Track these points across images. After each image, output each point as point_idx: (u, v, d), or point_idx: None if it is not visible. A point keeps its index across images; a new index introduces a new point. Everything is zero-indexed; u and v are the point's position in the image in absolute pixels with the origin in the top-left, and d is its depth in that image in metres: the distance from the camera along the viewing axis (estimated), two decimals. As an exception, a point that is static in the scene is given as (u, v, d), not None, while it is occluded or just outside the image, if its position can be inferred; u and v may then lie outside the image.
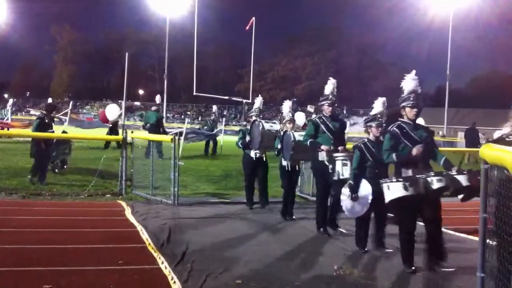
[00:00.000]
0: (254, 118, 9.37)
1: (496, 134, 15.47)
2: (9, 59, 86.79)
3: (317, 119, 7.34)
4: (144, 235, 6.64)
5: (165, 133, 18.33)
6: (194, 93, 29.38)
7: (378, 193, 5.72)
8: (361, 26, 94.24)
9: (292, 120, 8.37)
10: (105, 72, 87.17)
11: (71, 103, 27.14)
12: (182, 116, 63.57)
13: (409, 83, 5.77)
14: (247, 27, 33.70)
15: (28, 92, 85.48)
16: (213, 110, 27.12)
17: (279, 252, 6.18)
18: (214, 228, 7.44)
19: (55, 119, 20.36)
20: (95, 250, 5.89)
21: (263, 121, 8.99)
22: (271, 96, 78.74)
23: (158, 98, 19.37)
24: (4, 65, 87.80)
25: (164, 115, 61.92)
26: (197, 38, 30.15)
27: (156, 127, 17.16)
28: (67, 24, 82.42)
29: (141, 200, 9.58)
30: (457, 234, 7.43)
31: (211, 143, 20.42)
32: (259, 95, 10.13)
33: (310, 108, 23.24)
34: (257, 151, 8.93)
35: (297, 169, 8.53)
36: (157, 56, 79.70)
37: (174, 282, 4.77)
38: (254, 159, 8.99)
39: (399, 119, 5.76)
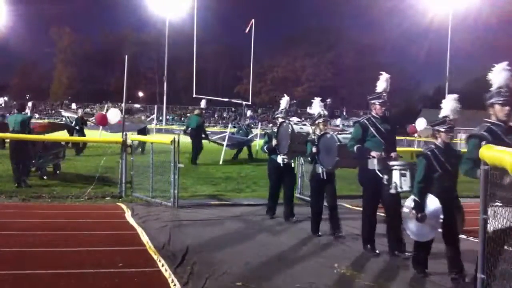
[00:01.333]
0: (281, 119, 8.46)
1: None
2: (8, 61, 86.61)
3: (365, 121, 6.36)
4: (144, 238, 6.64)
5: (207, 138, 18.22)
6: (194, 95, 29.30)
7: (448, 210, 5.09)
8: (360, 27, 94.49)
9: (327, 121, 7.45)
10: (104, 74, 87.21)
11: (106, 106, 26.39)
12: (182, 119, 63.49)
13: (499, 75, 4.82)
14: (247, 30, 33.68)
15: (28, 95, 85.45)
16: (248, 115, 26.37)
17: (279, 254, 6.17)
18: (214, 230, 7.44)
19: (88, 123, 20.28)
20: (95, 252, 5.88)
21: (292, 122, 8.07)
22: (271, 98, 78.80)
23: (203, 103, 19.17)
24: (3, 67, 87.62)
25: (164, 117, 62.16)
26: (196, 39, 30.07)
27: (198, 132, 17.03)
28: (67, 26, 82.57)
29: (141, 203, 9.57)
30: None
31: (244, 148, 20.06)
32: (285, 94, 9.15)
33: (310, 110, 23.23)
34: (285, 157, 8.10)
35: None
36: (156, 57, 79.80)
37: (174, 284, 4.77)
38: (282, 165, 8.20)
39: (486, 119, 4.82)
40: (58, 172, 12.37)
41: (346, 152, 6.52)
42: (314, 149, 7.08)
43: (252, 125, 25.41)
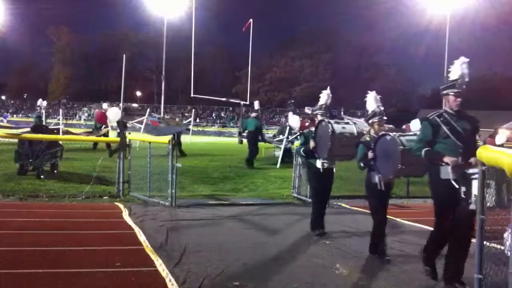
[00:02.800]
0: (320, 117, 7.32)
1: (500, 139, 15.36)
2: (6, 60, 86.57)
3: (435, 117, 5.06)
4: (142, 237, 6.63)
5: (264, 141, 18.09)
6: (192, 95, 29.35)
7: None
8: (358, 28, 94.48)
9: (383, 120, 6.25)
10: (102, 73, 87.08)
11: (148, 109, 25.68)
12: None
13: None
14: (244, 29, 33.73)
15: (25, 94, 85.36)
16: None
17: (276, 254, 6.17)
18: (212, 230, 7.44)
19: (128, 125, 20.10)
20: (92, 252, 5.88)
21: (332, 121, 6.98)
22: (269, 98, 78.86)
23: (257, 104, 19.00)
24: (1, 67, 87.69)
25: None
26: (194, 39, 30.14)
27: (255, 134, 16.94)
28: (64, 25, 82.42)
29: (138, 202, 9.56)
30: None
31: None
32: (328, 87, 7.86)
33: (308, 110, 23.18)
34: (325, 161, 7.10)
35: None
36: (154, 57, 79.66)
37: (172, 284, 4.76)
38: (321, 170, 7.18)
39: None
40: (55, 171, 12.34)
41: (411, 158, 5.36)
42: (370, 154, 5.93)
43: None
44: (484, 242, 3.82)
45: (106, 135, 19.82)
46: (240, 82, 72.68)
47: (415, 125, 19.88)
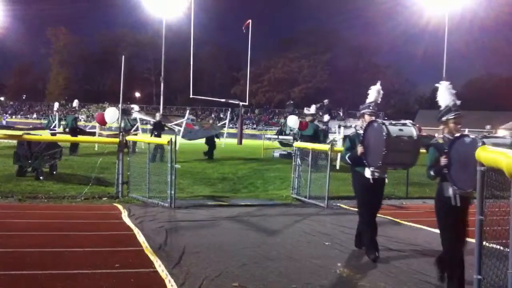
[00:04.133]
0: (368, 117, 6.20)
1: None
2: (4, 61, 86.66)
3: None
4: (141, 238, 6.63)
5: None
6: (191, 96, 29.33)
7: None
8: (357, 29, 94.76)
9: (460, 117, 5.04)
10: (101, 74, 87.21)
11: (187, 111, 24.93)
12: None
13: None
14: (243, 27, 33.79)
15: (24, 95, 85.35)
16: (325, 120, 25.55)
17: (275, 255, 6.18)
18: (211, 231, 7.44)
19: (165, 128, 19.95)
20: (91, 253, 5.88)
21: (386, 122, 5.82)
22: (267, 99, 78.93)
23: (313, 108, 18.76)
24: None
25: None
26: (193, 40, 30.13)
27: (313, 139, 16.58)
28: (63, 26, 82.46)
29: (137, 203, 9.56)
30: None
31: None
32: (378, 82, 6.80)
33: (307, 111, 23.20)
34: (376, 170, 5.98)
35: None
36: (153, 58, 79.75)
37: (171, 285, 4.76)
38: (371, 181, 6.05)
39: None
40: (54, 172, 12.33)
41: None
42: (443, 160, 4.78)
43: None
44: (484, 243, 3.83)
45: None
46: (239, 83, 72.76)
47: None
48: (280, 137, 23.20)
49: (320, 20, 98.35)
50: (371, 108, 6.28)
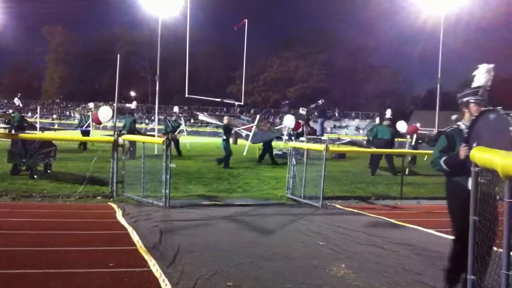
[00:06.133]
0: (474, 107, 4.62)
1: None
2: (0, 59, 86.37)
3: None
4: (135, 237, 6.61)
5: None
6: (186, 95, 29.29)
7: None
8: (353, 29, 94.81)
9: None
10: (96, 73, 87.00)
11: (258, 115, 24.35)
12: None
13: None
14: (236, 27, 33.73)
15: (19, 93, 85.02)
16: (319, 123, 24.97)
17: (270, 255, 6.17)
18: (205, 231, 7.42)
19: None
20: (85, 252, 5.86)
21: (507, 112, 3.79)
22: (264, 98, 78.93)
23: (389, 112, 18.50)
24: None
25: (156, 117, 61.80)
26: (189, 39, 30.09)
27: (388, 143, 16.52)
28: (59, 24, 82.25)
29: (132, 202, 9.54)
30: (445, 236, 7.47)
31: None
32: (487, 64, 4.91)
33: (302, 111, 23.22)
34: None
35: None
36: (149, 57, 79.58)
37: (166, 284, 4.75)
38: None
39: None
40: (49, 171, 12.29)
41: None
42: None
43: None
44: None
45: (175, 139, 19.92)
46: (235, 82, 72.79)
47: (401, 126, 19.95)
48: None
49: (316, 20, 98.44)
50: (479, 94, 4.66)
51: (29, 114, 70.61)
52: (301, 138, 18.37)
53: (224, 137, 16.95)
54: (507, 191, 3.15)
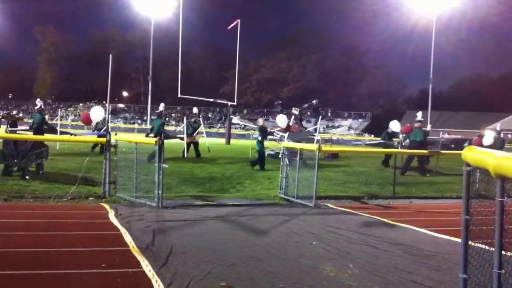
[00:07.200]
0: None
1: (487, 140, 15.37)
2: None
3: None
4: (128, 238, 6.60)
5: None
6: (179, 95, 29.25)
7: None
8: (347, 30, 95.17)
9: None
10: (89, 73, 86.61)
11: (292, 116, 24.21)
12: (179, 122, 63.35)
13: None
14: (229, 27, 33.72)
15: (11, 94, 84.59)
16: (312, 124, 24.72)
17: (264, 255, 6.17)
18: (199, 231, 7.41)
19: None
20: (78, 253, 5.83)
21: None
22: (256, 99, 78.92)
23: (420, 114, 18.58)
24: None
25: (148, 117, 61.79)
26: (182, 40, 30.06)
27: (423, 145, 16.70)
28: (51, 25, 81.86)
29: (125, 203, 9.51)
30: (437, 235, 7.51)
31: None
32: None
33: (295, 111, 23.21)
34: None
35: None
36: (141, 57, 79.49)
37: (158, 285, 4.74)
38: None
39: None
40: (41, 172, 12.23)
41: None
42: None
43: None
44: (469, 242, 3.85)
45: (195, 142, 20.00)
46: (228, 82, 72.77)
47: (394, 126, 20.05)
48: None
49: (310, 20, 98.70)
50: None
51: (21, 115, 70.20)
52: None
53: (259, 139, 16.92)
54: (498, 190, 3.18)
